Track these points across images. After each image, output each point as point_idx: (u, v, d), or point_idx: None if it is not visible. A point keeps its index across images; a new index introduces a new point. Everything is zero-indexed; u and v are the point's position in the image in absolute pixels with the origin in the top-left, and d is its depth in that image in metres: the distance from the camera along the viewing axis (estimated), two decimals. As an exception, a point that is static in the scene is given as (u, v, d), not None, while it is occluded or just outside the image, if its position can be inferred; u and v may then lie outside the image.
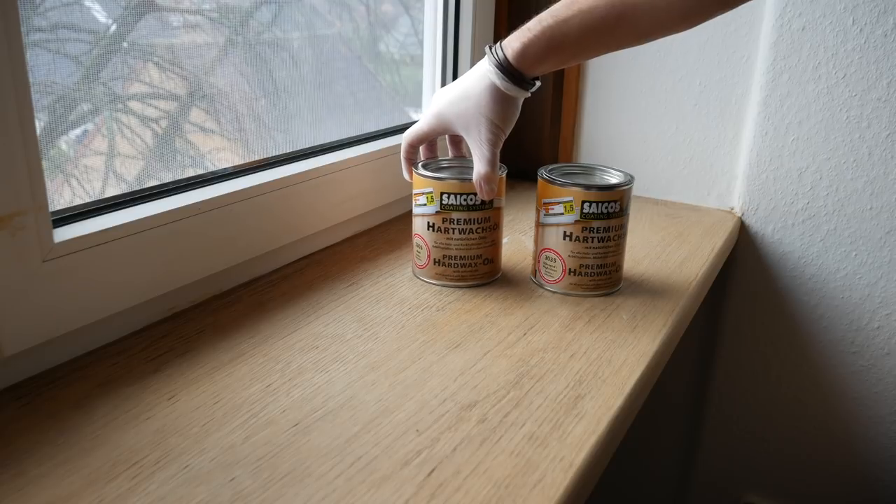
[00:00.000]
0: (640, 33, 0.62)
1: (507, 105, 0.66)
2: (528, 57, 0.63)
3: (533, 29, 0.63)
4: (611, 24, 0.60)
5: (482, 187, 0.68)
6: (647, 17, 0.59)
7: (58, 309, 0.54)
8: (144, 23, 0.64)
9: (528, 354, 0.60)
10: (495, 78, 0.65)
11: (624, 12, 0.59)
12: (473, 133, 0.67)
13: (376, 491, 0.44)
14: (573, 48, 0.63)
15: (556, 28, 0.62)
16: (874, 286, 0.92)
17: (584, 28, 0.61)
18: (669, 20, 0.60)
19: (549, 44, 0.62)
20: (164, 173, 0.68)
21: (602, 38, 0.62)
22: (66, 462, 0.45)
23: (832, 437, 1.00)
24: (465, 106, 0.67)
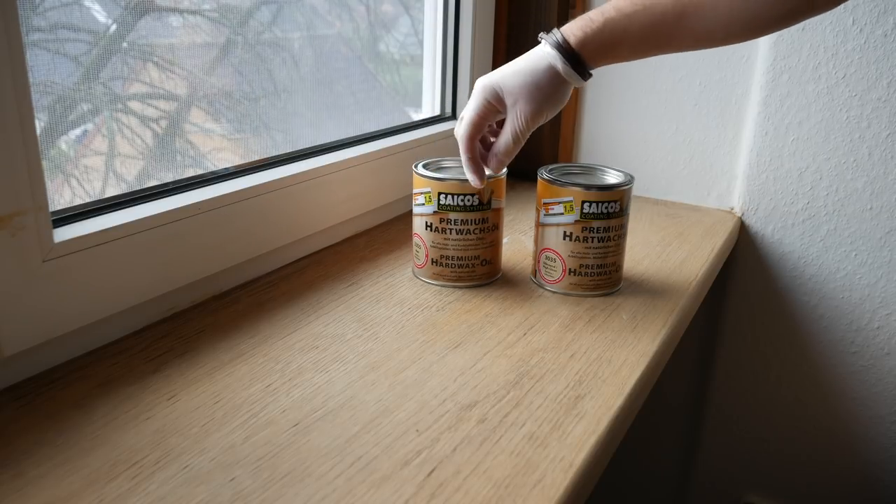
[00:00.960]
0: (699, 35, 0.60)
1: (559, 90, 0.65)
2: (588, 47, 0.63)
3: (595, 20, 0.62)
4: (671, 21, 0.59)
5: (497, 160, 0.68)
6: (708, 18, 0.58)
7: (58, 309, 0.54)
8: (144, 23, 0.64)
9: (528, 354, 0.60)
10: (556, 61, 0.63)
11: (686, 10, 0.59)
12: (519, 106, 0.66)
13: (376, 491, 0.44)
14: (633, 44, 0.62)
15: (617, 22, 0.61)
16: (874, 286, 0.92)
17: (645, 24, 0.60)
18: (730, 27, 0.59)
19: (610, 37, 0.62)
20: (164, 173, 0.68)
21: (662, 36, 0.61)
22: (65, 462, 0.45)
23: (832, 437, 1.00)
24: (520, 80, 0.65)
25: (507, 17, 1.06)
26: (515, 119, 0.66)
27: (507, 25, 1.06)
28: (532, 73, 0.65)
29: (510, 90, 0.66)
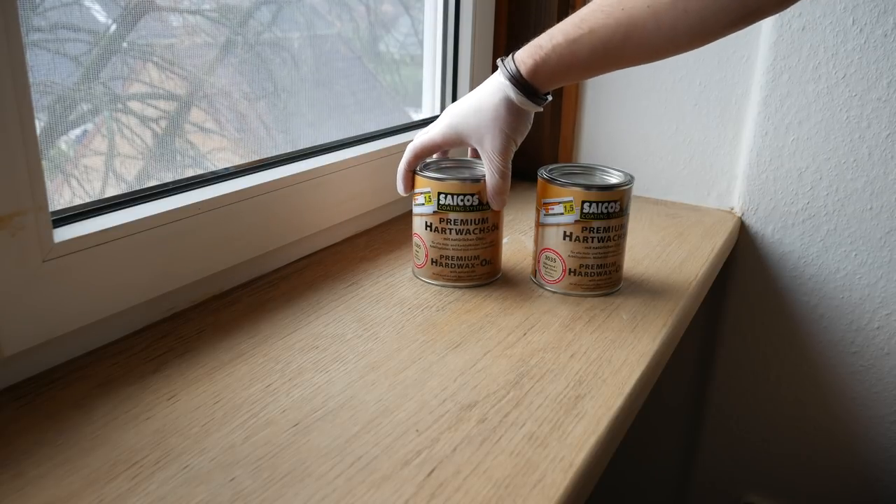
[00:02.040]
0: (648, 53, 0.62)
1: (519, 118, 0.67)
2: (540, 74, 0.64)
3: (544, 47, 0.64)
4: (618, 43, 0.61)
5: (494, 199, 0.70)
6: (653, 37, 0.60)
7: (57, 309, 0.54)
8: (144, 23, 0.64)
9: (528, 354, 0.60)
10: (510, 91, 0.65)
11: (630, 32, 0.60)
12: (487, 144, 0.68)
13: (376, 491, 0.44)
14: (583, 67, 0.64)
15: (565, 47, 0.62)
16: (874, 286, 0.92)
17: (594, 48, 0.62)
18: (676, 40, 0.60)
19: (559, 62, 0.63)
20: (164, 173, 0.68)
21: (611, 57, 0.62)
22: (65, 462, 0.45)
23: (832, 437, 1.00)
24: (478, 118, 0.67)
25: (507, 17, 1.06)
26: (490, 158, 0.68)
27: (507, 25, 1.06)
28: (491, 107, 0.67)
29: (472, 131, 0.68)
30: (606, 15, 0.61)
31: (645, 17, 0.59)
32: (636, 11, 0.59)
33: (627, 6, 0.60)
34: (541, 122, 1.08)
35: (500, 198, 0.70)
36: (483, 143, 0.68)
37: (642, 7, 0.59)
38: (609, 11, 0.61)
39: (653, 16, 0.59)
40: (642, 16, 0.59)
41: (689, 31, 0.59)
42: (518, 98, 0.65)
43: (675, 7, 0.58)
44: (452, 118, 0.70)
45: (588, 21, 0.62)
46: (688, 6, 0.57)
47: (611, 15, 0.60)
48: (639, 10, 0.59)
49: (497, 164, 0.68)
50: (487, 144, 0.68)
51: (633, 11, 0.59)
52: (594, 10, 0.62)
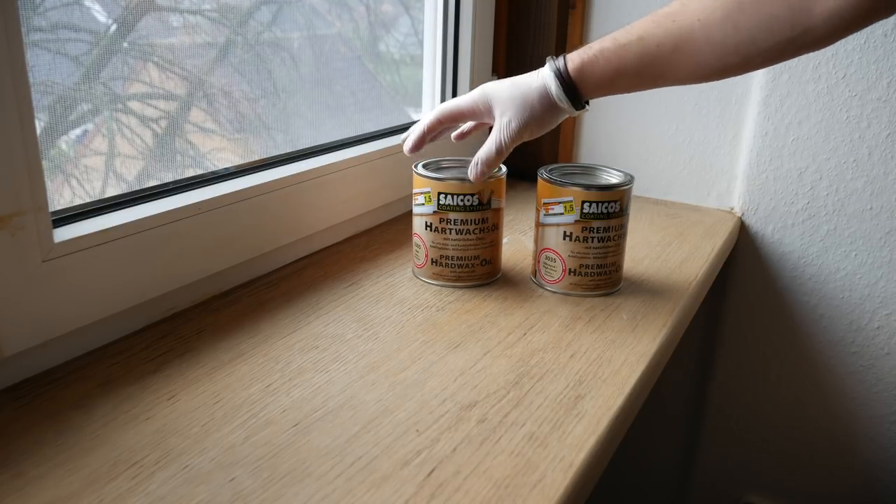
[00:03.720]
0: (696, 67, 0.60)
1: (549, 112, 0.66)
2: (586, 75, 0.64)
3: (593, 48, 0.63)
4: (666, 53, 0.60)
5: (478, 167, 0.68)
6: (702, 51, 0.59)
7: (58, 309, 0.54)
8: (144, 23, 0.64)
9: (528, 354, 0.60)
10: (551, 83, 0.65)
11: (680, 44, 0.59)
12: (505, 118, 0.67)
13: (376, 491, 0.44)
14: (630, 75, 0.63)
15: (613, 52, 0.62)
16: (874, 286, 0.92)
17: (642, 55, 0.61)
18: (725, 58, 0.59)
19: (606, 65, 0.63)
20: (164, 173, 0.68)
21: (658, 67, 0.61)
22: (65, 462, 0.45)
23: (832, 437, 1.00)
24: (512, 93, 0.67)
25: (507, 17, 1.06)
26: (501, 130, 0.67)
27: (507, 25, 1.06)
28: (527, 89, 0.66)
29: (501, 100, 0.67)
30: (657, 25, 0.60)
31: (695, 30, 0.58)
32: (687, 24, 0.59)
33: (679, 18, 0.59)
34: (541, 122, 1.08)
35: (483, 169, 0.68)
36: (504, 115, 0.67)
37: (693, 20, 0.58)
38: (660, 21, 0.60)
39: (703, 29, 0.58)
40: (692, 28, 0.59)
41: (738, 50, 0.58)
42: (557, 92, 0.64)
43: (725, 23, 0.57)
44: (487, 86, 0.69)
45: (638, 29, 0.61)
46: (738, 23, 0.57)
47: (661, 25, 0.60)
48: (689, 22, 0.59)
49: (503, 139, 0.67)
50: (506, 118, 0.67)
51: (684, 24, 0.59)
52: (645, 21, 0.61)
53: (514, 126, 0.66)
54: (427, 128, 0.72)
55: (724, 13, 0.57)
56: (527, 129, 0.67)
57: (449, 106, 0.71)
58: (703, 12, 0.58)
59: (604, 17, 1.03)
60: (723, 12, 0.57)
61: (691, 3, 0.59)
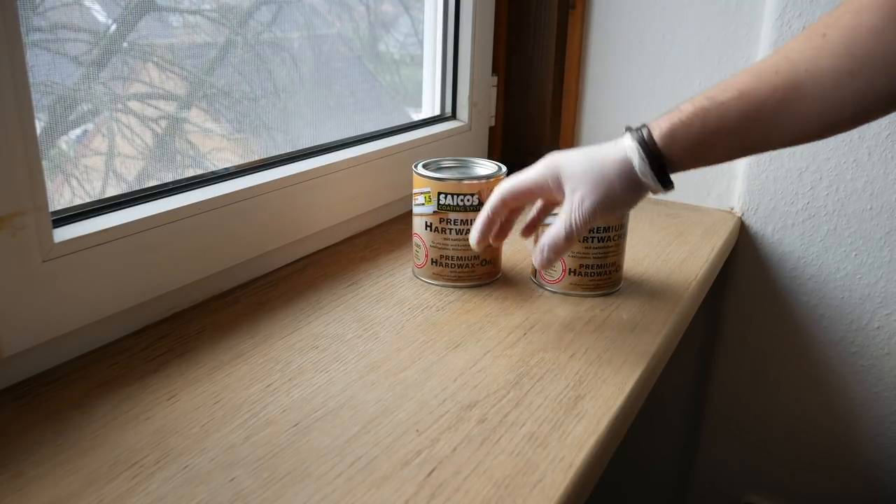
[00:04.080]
0: (808, 123, 0.53)
1: (630, 192, 0.58)
2: (677, 141, 0.55)
3: (684, 110, 0.55)
4: (773, 110, 0.53)
5: (543, 254, 0.60)
6: (815, 104, 0.52)
7: (58, 309, 0.54)
8: (144, 23, 0.64)
9: (528, 354, 0.60)
10: (633, 155, 0.56)
11: (788, 97, 0.52)
12: (578, 195, 0.58)
13: (376, 491, 0.44)
14: (730, 136, 0.54)
15: (711, 111, 0.54)
16: (874, 286, 0.92)
17: (744, 113, 0.53)
18: (842, 109, 0.52)
19: (702, 128, 0.54)
20: (164, 173, 0.68)
21: (764, 127, 0.54)
22: (65, 462, 0.45)
23: (832, 437, 1.00)
24: (586, 166, 0.58)
25: (507, 17, 1.06)
26: (573, 210, 0.58)
27: (507, 25, 1.06)
28: (604, 162, 0.57)
29: (573, 174, 0.58)
30: (758, 79, 0.53)
31: (803, 82, 0.52)
32: (793, 76, 0.52)
33: (782, 70, 0.52)
34: (541, 121, 1.08)
35: (551, 257, 0.60)
36: (576, 191, 0.58)
37: (800, 71, 0.52)
38: (761, 76, 0.53)
39: (813, 80, 0.51)
40: (800, 80, 0.52)
41: (856, 97, 0.51)
42: (640, 166, 0.56)
43: (837, 71, 0.50)
44: (556, 157, 0.60)
45: (736, 85, 0.54)
46: (853, 69, 0.50)
47: (763, 79, 0.53)
48: (796, 74, 0.52)
49: (574, 221, 0.58)
50: (579, 195, 0.57)
51: (790, 76, 0.52)
52: (742, 76, 0.54)
53: (587, 206, 0.57)
54: (491, 212, 0.63)
55: (836, 60, 0.50)
56: (603, 210, 0.58)
57: (512, 183, 0.62)
58: (810, 62, 0.51)
59: (604, 17, 1.03)
60: (833, 59, 0.50)
61: (792, 53, 0.53)
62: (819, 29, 0.52)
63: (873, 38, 0.49)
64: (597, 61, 1.05)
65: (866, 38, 0.49)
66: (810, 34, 0.52)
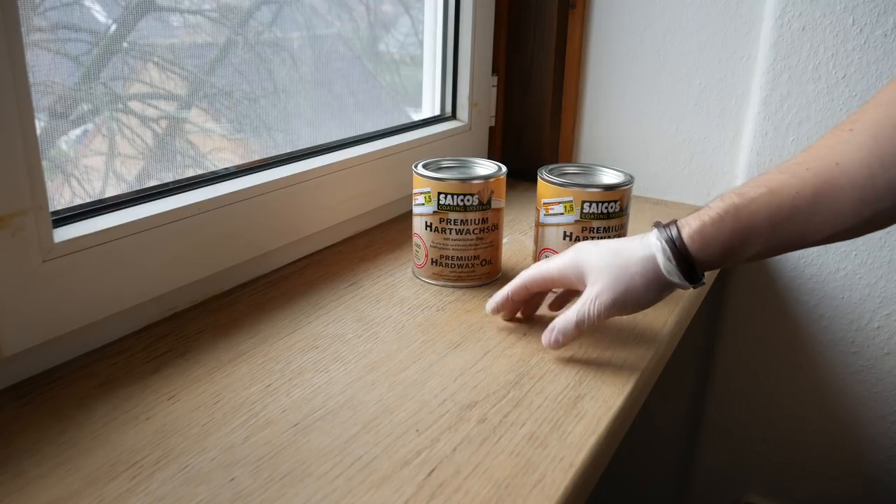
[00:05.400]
0: (841, 217, 0.51)
1: (653, 290, 0.56)
2: (707, 239, 0.54)
3: (714, 207, 0.54)
4: (806, 205, 0.51)
5: (552, 335, 0.59)
6: (848, 197, 0.50)
7: (58, 309, 0.54)
8: (144, 23, 0.64)
9: (528, 354, 0.60)
10: (659, 254, 0.55)
11: (821, 191, 0.50)
12: (597, 288, 0.57)
13: (376, 491, 0.44)
14: (762, 234, 0.53)
15: (741, 207, 0.52)
16: (874, 286, 0.92)
17: (777, 209, 0.52)
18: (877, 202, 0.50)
19: (734, 225, 0.53)
20: (164, 173, 0.68)
21: (797, 224, 0.52)
22: (66, 462, 0.45)
23: (832, 437, 1.00)
24: (611, 261, 0.57)
25: (507, 17, 1.06)
26: (588, 302, 0.57)
27: (507, 25, 1.06)
28: (628, 258, 0.56)
29: (595, 268, 0.57)
30: (790, 174, 0.52)
31: (836, 175, 0.50)
32: (824, 170, 0.51)
33: (812, 165, 0.51)
34: (541, 122, 1.08)
35: (560, 339, 0.58)
36: (595, 284, 0.57)
37: (830, 165, 0.51)
38: (792, 171, 0.52)
39: (844, 173, 0.50)
40: (832, 174, 0.50)
41: (890, 188, 0.49)
42: (666, 266, 0.55)
43: (867, 163, 0.49)
44: (581, 249, 0.60)
45: (766, 181, 0.53)
46: (884, 158, 0.49)
47: (794, 174, 0.52)
48: (827, 168, 0.51)
49: (588, 313, 0.57)
50: (597, 288, 0.57)
51: (821, 170, 0.51)
52: (771, 174, 0.53)
53: (604, 300, 0.56)
54: (512, 293, 0.63)
55: (865, 152, 0.50)
56: (621, 306, 0.57)
57: (536, 272, 0.62)
58: (840, 155, 0.50)
59: (604, 17, 1.03)
60: (863, 152, 0.50)
61: (821, 149, 0.52)
62: (845, 126, 0.52)
63: None
64: (597, 61, 1.05)
65: (894, 129, 0.49)
66: (837, 131, 0.52)
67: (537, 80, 1.06)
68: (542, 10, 1.03)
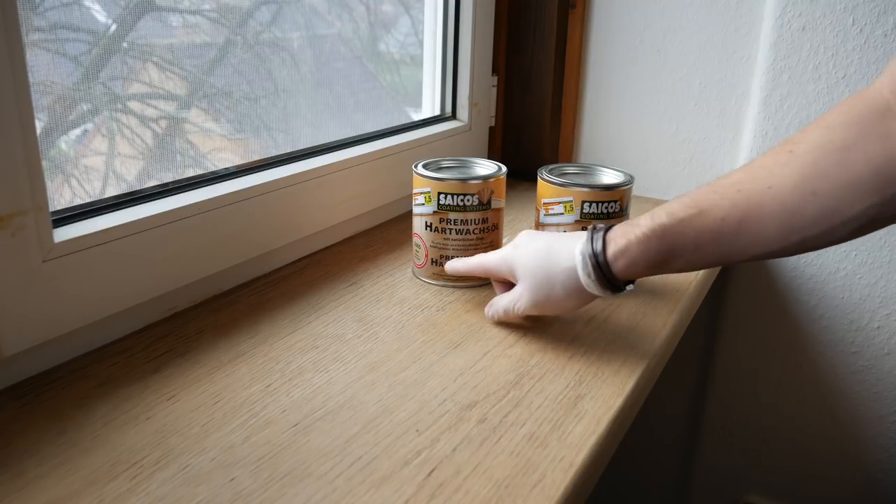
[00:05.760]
0: (768, 242, 0.50)
1: (574, 297, 0.58)
2: (631, 258, 0.54)
3: (642, 225, 0.54)
4: (733, 228, 0.51)
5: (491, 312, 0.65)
6: (776, 223, 0.50)
7: (58, 309, 0.54)
8: (144, 23, 0.64)
9: (528, 354, 0.60)
10: (581, 269, 0.56)
11: (748, 215, 0.50)
12: (519, 290, 0.61)
13: (376, 491, 0.44)
14: (687, 253, 0.53)
15: (668, 228, 0.53)
16: (874, 286, 0.92)
17: (703, 231, 0.52)
18: (803, 229, 0.49)
19: (658, 245, 0.53)
20: (164, 173, 0.68)
21: (723, 245, 0.52)
22: (66, 462, 0.45)
23: (832, 437, 1.00)
24: (538, 265, 0.59)
25: (507, 17, 1.06)
26: (512, 301, 0.62)
27: (507, 25, 1.06)
28: (553, 266, 0.58)
29: (524, 268, 0.60)
30: (720, 195, 0.52)
31: (766, 200, 0.50)
32: (755, 194, 0.50)
33: (745, 187, 0.51)
34: (541, 122, 1.08)
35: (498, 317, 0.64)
36: (521, 285, 0.61)
37: (762, 188, 0.50)
38: (723, 192, 0.52)
39: (775, 198, 0.49)
40: (762, 198, 0.50)
41: (818, 220, 0.48)
42: (586, 281, 0.56)
43: (800, 189, 0.48)
44: (517, 248, 0.62)
45: (698, 201, 0.52)
46: (816, 187, 0.48)
47: (725, 195, 0.51)
48: (758, 191, 0.50)
49: (513, 310, 0.62)
50: (520, 289, 0.60)
51: (752, 193, 0.50)
52: (704, 191, 0.53)
53: (525, 302, 0.60)
54: (461, 272, 0.68)
55: (799, 177, 0.48)
56: (541, 310, 0.61)
57: (477, 263, 0.66)
58: (775, 178, 0.50)
59: (604, 17, 1.03)
60: (797, 177, 0.49)
61: (758, 169, 0.51)
62: (787, 145, 0.50)
63: (840, 157, 0.47)
64: (597, 61, 1.05)
65: (833, 157, 0.47)
66: (779, 149, 0.51)
67: (537, 80, 1.06)
68: (542, 10, 1.03)
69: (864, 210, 0.47)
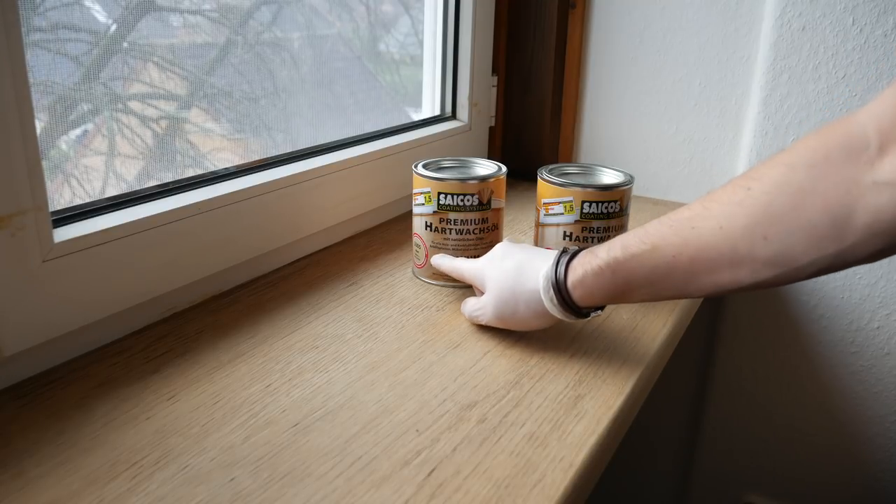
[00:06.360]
0: (721, 281, 0.49)
1: (539, 317, 0.59)
2: (588, 289, 0.55)
3: (599, 257, 0.54)
4: (684, 266, 0.50)
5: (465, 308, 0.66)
6: (725, 263, 0.48)
7: (58, 309, 0.54)
8: (144, 23, 0.64)
9: (528, 354, 0.60)
10: (544, 295, 0.57)
11: (699, 255, 0.49)
12: (485, 302, 0.62)
13: (376, 491, 0.44)
14: (640, 288, 0.53)
15: (622, 263, 0.53)
16: (874, 286, 0.92)
17: (655, 268, 0.51)
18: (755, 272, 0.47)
19: (612, 279, 0.54)
20: (164, 173, 0.68)
21: (675, 281, 0.51)
22: (65, 462, 0.45)
23: (832, 437, 1.00)
24: (507, 283, 0.60)
25: (507, 17, 1.06)
26: (478, 311, 0.63)
27: (507, 25, 1.06)
28: (522, 283, 0.59)
29: (493, 282, 0.61)
30: (674, 232, 0.51)
31: (717, 240, 0.48)
32: (706, 232, 0.49)
33: (699, 224, 0.49)
34: (541, 122, 1.08)
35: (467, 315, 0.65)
36: (488, 297, 0.62)
37: (714, 227, 0.48)
38: (677, 228, 0.51)
39: (726, 239, 0.48)
40: (714, 238, 0.48)
41: (769, 263, 0.47)
42: (549, 306, 0.57)
43: (751, 232, 0.46)
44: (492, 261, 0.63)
45: (652, 236, 0.52)
46: (767, 233, 0.46)
47: (679, 232, 0.51)
48: (710, 230, 0.49)
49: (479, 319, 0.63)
50: (486, 301, 0.62)
51: (703, 231, 0.49)
52: (660, 226, 0.52)
53: (489, 316, 0.62)
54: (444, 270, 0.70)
55: (751, 220, 0.46)
56: (505, 325, 0.62)
57: (453, 267, 0.68)
58: (725, 218, 0.48)
59: (604, 17, 1.03)
60: (748, 220, 0.47)
61: (714, 205, 0.49)
62: (746, 180, 0.48)
63: (796, 200, 0.45)
64: (597, 61, 1.05)
65: (790, 199, 0.45)
66: (736, 185, 0.49)
67: (537, 79, 1.06)
68: (542, 10, 1.03)
69: (817, 259, 0.45)
